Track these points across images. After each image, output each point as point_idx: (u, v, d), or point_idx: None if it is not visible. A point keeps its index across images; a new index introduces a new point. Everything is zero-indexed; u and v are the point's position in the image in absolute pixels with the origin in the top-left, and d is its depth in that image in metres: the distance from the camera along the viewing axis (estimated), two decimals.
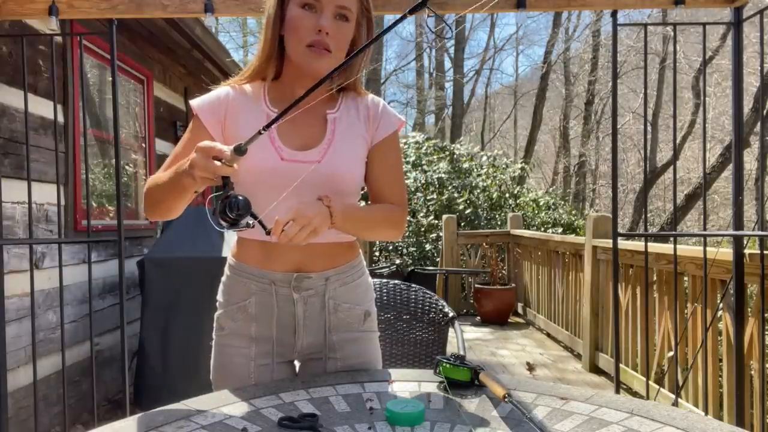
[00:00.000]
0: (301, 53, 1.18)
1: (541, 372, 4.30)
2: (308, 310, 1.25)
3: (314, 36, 1.16)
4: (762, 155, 2.42)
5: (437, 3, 2.23)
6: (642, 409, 1.00)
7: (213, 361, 1.31)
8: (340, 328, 1.27)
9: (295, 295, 1.23)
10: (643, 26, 2.69)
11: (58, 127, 2.43)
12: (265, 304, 1.24)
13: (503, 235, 6.82)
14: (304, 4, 1.17)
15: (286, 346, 1.27)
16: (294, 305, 1.24)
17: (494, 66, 23.22)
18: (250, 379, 1.25)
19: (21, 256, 2.86)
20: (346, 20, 1.18)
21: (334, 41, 1.17)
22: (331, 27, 1.16)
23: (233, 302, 1.27)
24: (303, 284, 1.23)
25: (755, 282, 2.36)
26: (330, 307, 1.25)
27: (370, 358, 1.32)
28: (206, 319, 3.20)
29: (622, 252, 3.54)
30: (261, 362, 1.26)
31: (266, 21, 1.23)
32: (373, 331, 1.34)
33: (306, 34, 1.16)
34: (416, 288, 1.97)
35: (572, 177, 18.88)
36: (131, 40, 4.13)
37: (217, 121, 1.24)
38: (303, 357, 1.30)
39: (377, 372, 1.26)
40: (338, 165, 1.21)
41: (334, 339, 1.27)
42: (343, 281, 1.27)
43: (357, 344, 1.29)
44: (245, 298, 1.25)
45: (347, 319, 1.28)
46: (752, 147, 9.62)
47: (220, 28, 18.72)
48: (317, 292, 1.24)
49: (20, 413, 2.82)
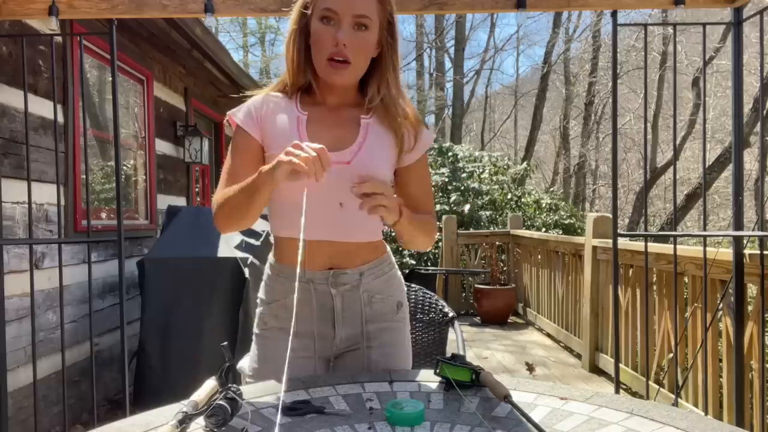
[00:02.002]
0: (322, 67, 1.22)
1: (541, 372, 4.30)
2: (345, 302, 1.30)
3: (332, 49, 1.19)
4: (762, 155, 2.42)
5: (437, 3, 2.23)
6: (642, 409, 1.00)
7: (255, 354, 1.36)
8: (375, 319, 1.33)
9: (333, 291, 1.29)
10: (643, 26, 2.69)
11: (58, 127, 2.43)
12: (305, 301, 1.29)
13: (503, 235, 6.82)
14: (323, 17, 1.20)
15: (327, 340, 1.32)
16: (332, 299, 1.29)
17: (494, 66, 23.17)
18: (292, 370, 1.27)
19: (21, 256, 2.86)
20: (365, 28, 1.21)
21: (353, 51, 1.20)
22: (349, 38, 1.19)
23: (275, 300, 1.33)
24: (339, 279, 1.29)
25: (755, 282, 2.36)
26: (365, 299, 1.31)
27: (405, 345, 1.39)
28: (206, 319, 3.21)
29: (622, 252, 3.54)
30: (303, 355, 1.30)
31: (289, 35, 1.27)
32: (406, 322, 1.40)
33: (325, 48, 1.20)
34: (416, 288, 1.96)
35: (572, 177, 18.88)
36: (131, 40, 4.13)
37: (258, 128, 1.28)
38: (341, 350, 1.34)
39: (377, 373, 1.26)
40: (368, 166, 1.24)
41: (370, 329, 1.33)
42: (376, 275, 1.33)
43: (392, 333, 1.35)
44: (285, 296, 1.30)
45: (381, 309, 1.34)
46: (752, 147, 9.62)
47: (220, 28, 18.73)
48: (353, 286, 1.30)
49: (20, 413, 2.82)
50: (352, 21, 1.19)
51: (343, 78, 1.23)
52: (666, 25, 11.60)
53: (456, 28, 19.11)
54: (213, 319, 3.14)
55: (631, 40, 16.35)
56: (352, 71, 1.23)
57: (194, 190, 5.65)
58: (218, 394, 0.93)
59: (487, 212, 8.11)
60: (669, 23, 3.01)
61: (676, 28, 2.73)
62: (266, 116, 1.28)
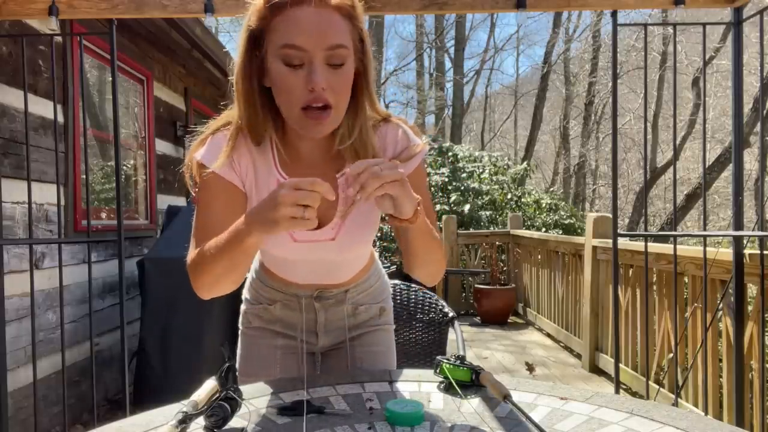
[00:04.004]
0: (296, 119, 0.99)
1: (541, 372, 4.30)
2: (329, 315, 1.30)
3: (307, 96, 0.95)
4: (762, 155, 2.42)
5: (438, 3, 2.23)
6: (642, 409, 1.00)
7: (240, 353, 1.35)
8: (358, 327, 1.33)
9: (317, 305, 1.28)
10: (643, 26, 2.69)
11: (58, 127, 2.43)
12: (289, 311, 1.30)
13: (503, 235, 6.82)
14: (284, 58, 0.95)
15: (310, 344, 1.33)
16: (315, 313, 1.29)
17: (494, 66, 23.20)
18: (276, 368, 1.29)
19: (21, 256, 2.86)
20: (341, 63, 0.96)
21: (333, 92, 0.96)
22: (327, 79, 0.95)
23: (259, 302, 1.32)
24: (324, 295, 1.28)
25: (755, 282, 2.36)
26: (348, 311, 1.30)
27: (389, 345, 1.36)
28: (206, 319, 3.21)
29: (622, 252, 3.54)
30: (287, 351, 1.31)
31: (237, 73, 1.01)
32: (390, 324, 1.39)
33: (298, 97, 0.96)
34: (416, 288, 1.96)
35: (572, 177, 18.88)
36: (131, 40, 4.13)
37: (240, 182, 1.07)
38: (324, 350, 1.35)
39: (377, 372, 1.26)
40: (353, 238, 1.12)
41: (353, 334, 1.32)
42: (363, 289, 1.32)
43: (375, 334, 1.34)
44: (270, 303, 1.31)
45: (365, 317, 1.33)
46: (752, 147, 9.62)
47: (220, 28, 18.72)
48: (338, 300, 1.29)
49: (20, 413, 2.82)
50: (325, 57, 0.94)
51: (325, 128, 0.99)
52: (666, 25, 11.61)
53: (456, 28, 19.12)
54: (213, 319, 3.14)
55: (631, 40, 16.35)
56: (335, 117, 0.99)
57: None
58: (218, 394, 0.93)
59: (487, 212, 8.12)
60: (669, 23, 3.01)
61: (676, 28, 2.73)
62: (246, 171, 1.07)
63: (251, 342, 1.33)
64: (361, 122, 1.05)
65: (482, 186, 8.43)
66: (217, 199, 1.05)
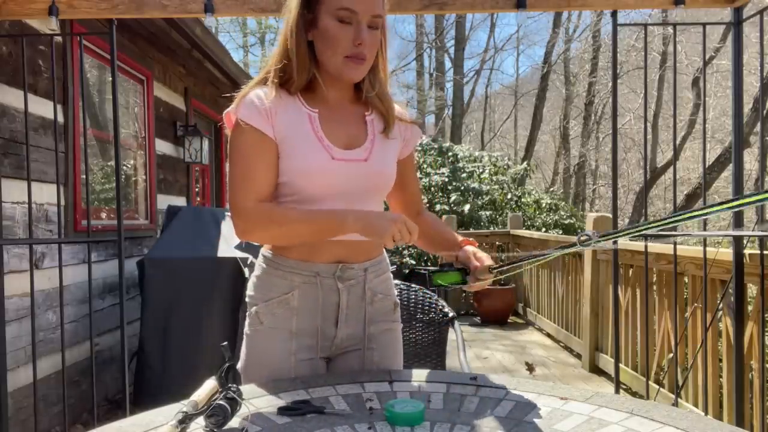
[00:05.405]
0: (339, 64, 1.23)
1: (541, 372, 4.30)
2: (350, 299, 1.29)
3: (353, 49, 1.21)
4: (762, 155, 2.42)
5: (438, 3, 2.23)
6: (642, 409, 1.00)
7: (246, 354, 1.31)
8: (375, 319, 1.34)
9: (340, 285, 1.27)
10: (643, 26, 2.69)
11: (58, 127, 2.43)
12: (309, 296, 1.27)
13: (503, 235, 6.82)
14: (339, 16, 1.20)
15: (327, 339, 1.29)
16: (338, 295, 1.28)
17: (494, 66, 23.18)
18: (290, 373, 1.25)
19: (21, 256, 2.86)
20: (377, 27, 1.24)
21: (369, 50, 1.24)
22: (368, 38, 1.22)
23: (273, 296, 1.27)
24: (346, 274, 1.28)
25: (755, 282, 2.36)
26: (368, 298, 1.31)
27: (399, 347, 1.41)
28: (206, 319, 3.21)
29: (622, 252, 3.54)
30: (302, 357, 1.27)
31: (288, 29, 1.24)
32: (399, 322, 1.42)
33: (342, 47, 1.21)
34: (416, 288, 1.97)
35: (572, 177, 18.88)
36: (131, 40, 4.13)
37: (270, 125, 1.23)
38: (340, 350, 1.32)
39: (377, 372, 1.26)
40: (382, 163, 1.30)
41: (371, 330, 1.33)
42: (377, 272, 1.34)
43: (390, 334, 1.37)
44: (287, 291, 1.26)
45: (382, 309, 1.35)
46: (752, 147, 9.62)
47: (220, 28, 18.73)
48: (358, 282, 1.30)
49: (20, 413, 2.82)
50: (369, 21, 1.21)
51: (359, 74, 1.25)
52: (666, 25, 11.60)
53: (456, 28, 19.12)
54: (213, 319, 3.14)
55: (631, 40, 16.35)
56: (367, 66, 1.26)
57: (194, 190, 5.65)
58: (218, 394, 0.93)
59: (487, 212, 8.12)
60: (669, 23, 3.01)
61: (676, 28, 2.73)
62: (274, 113, 1.23)
63: (262, 344, 1.28)
64: (380, 78, 1.31)
65: (482, 186, 8.43)
66: (254, 148, 1.23)
